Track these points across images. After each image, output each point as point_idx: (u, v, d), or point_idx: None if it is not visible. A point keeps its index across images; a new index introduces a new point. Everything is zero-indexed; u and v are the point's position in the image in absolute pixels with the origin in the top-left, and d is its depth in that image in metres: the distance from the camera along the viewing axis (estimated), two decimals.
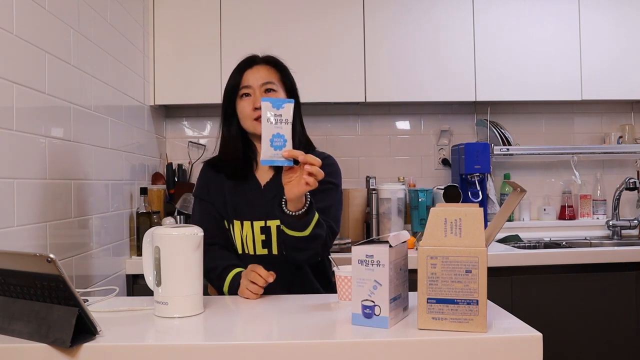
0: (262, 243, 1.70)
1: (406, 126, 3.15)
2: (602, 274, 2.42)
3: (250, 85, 1.72)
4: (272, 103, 1.38)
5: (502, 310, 1.30)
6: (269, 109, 1.38)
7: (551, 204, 3.14)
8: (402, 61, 2.79)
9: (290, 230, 1.54)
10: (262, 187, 1.75)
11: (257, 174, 1.77)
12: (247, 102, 1.71)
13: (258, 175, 1.77)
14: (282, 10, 2.76)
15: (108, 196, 2.14)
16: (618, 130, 3.15)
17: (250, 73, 1.74)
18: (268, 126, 1.38)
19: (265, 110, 1.38)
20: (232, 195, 1.75)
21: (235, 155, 1.75)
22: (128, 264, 2.37)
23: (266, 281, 1.49)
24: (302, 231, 1.53)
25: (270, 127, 1.38)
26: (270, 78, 1.73)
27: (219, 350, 1.07)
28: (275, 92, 1.72)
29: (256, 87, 1.71)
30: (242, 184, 1.75)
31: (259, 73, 1.73)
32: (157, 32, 2.74)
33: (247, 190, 1.75)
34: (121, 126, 2.30)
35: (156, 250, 1.27)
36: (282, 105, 1.38)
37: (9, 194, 1.45)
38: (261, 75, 1.73)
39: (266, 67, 1.75)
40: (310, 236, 1.54)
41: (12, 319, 1.09)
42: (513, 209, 1.21)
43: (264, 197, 1.72)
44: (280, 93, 1.73)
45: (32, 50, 1.58)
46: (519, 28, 2.84)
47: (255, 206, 1.72)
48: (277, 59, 1.79)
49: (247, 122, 1.72)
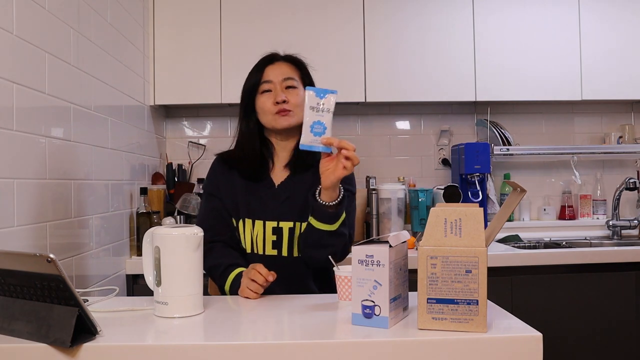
0: (273, 244, 1.69)
1: (406, 126, 3.15)
2: (602, 274, 2.42)
3: (271, 80, 1.71)
4: (316, 92, 1.43)
5: (502, 310, 1.30)
6: (312, 97, 1.42)
7: (551, 204, 3.14)
8: (402, 61, 2.79)
9: (319, 223, 1.55)
10: (276, 187, 1.73)
11: (272, 173, 1.76)
12: (267, 97, 1.70)
13: (273, 175, 1.75)
14: (282, 11, 2.76)
15: (108, 196, 2.14)
16: (618, 130, 3.15)
17: (271, 69, 1.73)
18: (310, 113, 1.42)
19: (309, 98, 1.42)
20: (243, 193, 1.73)
21: (252, 154, 1.74)
22: (128, 264, 2.37)
23: (266, 280, 1.49)
24: (332, 224, 1.55)
25: (312, 114, 1.42)
26: (291, 74, 1.73)
27: (219, 350, 1.07)
28: (296, 88, 1.72)
29: (277, 82, 1.71)
30: (254, 182, 1.74)
31: (280, 69, 1.73)
32: (157, 32, 2.74)
33: (260, 189, 1.73)
34: (121, 126, 2.30)
35: (156, 250, 1.27)
36: (325, 95, 1.43)
37: (9, 194, 1.45)
38: (282, 71, 1.73)
39: (286, 64, 1.76)
40: (336, 232, 1.56)
41: (12, 319, 1.09)
42: (513, 209, 1.21)
43: (277, 197, 1.71)
44: (300, 89, 1.73)
45: (32, 50, 1.58)
46: (519, 28, 2.84)
47: (268, 206, 1.71)
48: (297, 57, 1.79)
49: (267, 116, 1.71)
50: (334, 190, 1.51)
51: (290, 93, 1.71)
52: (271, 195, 1.72)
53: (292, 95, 1.71)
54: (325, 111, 1.42)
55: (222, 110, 3.03)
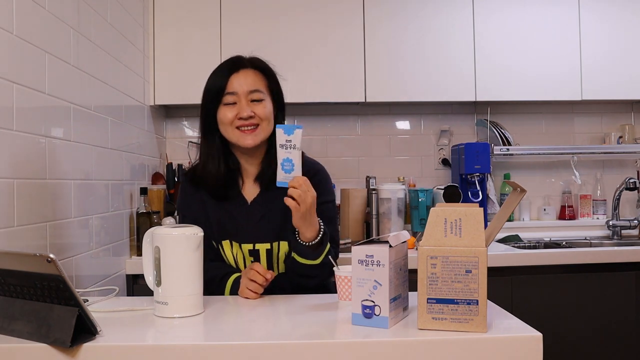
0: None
1: (406, 126, 3.15)
2: (602, 274, 2.42)
3: (236, 92, 1.60)
4: (284, 130, 1.46)
5: (502, 310, 1.30)
6: (280, 135, 1.46)
7: (551, 204, 3.14)
8: (402, 61, 2.79)
9: (302, 259, 1.54)
10: (248, 204, 1.66)
11: (243, 190, 1.68)
12: (229, 110, 1.60)
13: (244, 191, 1.68)
14: (281, 10, 2.76)
15: (108, 196, 2.14)
16: (618, 130, 3.15)
17: (236, 78, 1.61)
18: (280, 151, 1.47)
19: (278, 136, 1.46)
20: (215, 213, 1.66)
21: (217, 174, 1.63)
22: (128, 264, 2.36)
23: (265, 279, 1.49)
24: (315, 259, 1.53)
25: (281, 151, 1.46)
26: (257, 85, 1.62)
27: (219, 350, 1.07)
28: (262, 101, 1.62)
29: (242, 95, 1.60)
30: (226, 201, 1.66)
31: (245, 79, 1.62)
32: (157, 32, 2.74)
33: (232, 208, 1.65)
34: (121, 126, 2.30)
35: (156, 250, 1.28)
36: (293, 131, 1.46)
37: (9, 194, 1.45)
38: (248, 81, 1.61)
39: (253, 72, 1.64)
40: (321, 264, 1.54)
41: (12, 319, 1.09)
42: (513, 209, 1.21)
43: (252, 216, 1.64)
44: (267, 101, 1.63)
45: (32, 50, 1.58)
46: (519, 28, 2.83)
47: (242, 227, 1.64)
48: (264, 63, 1.67)
49: (228, 130, 1.61)
50: (307, 228, 1.49)
51: (256, 107, 1.60)
52: (245, 214, 1.65)
53: (258, 108, 1.60)
54: (293, 148, 1.45)
55: None
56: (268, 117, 1.63)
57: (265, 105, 1.62)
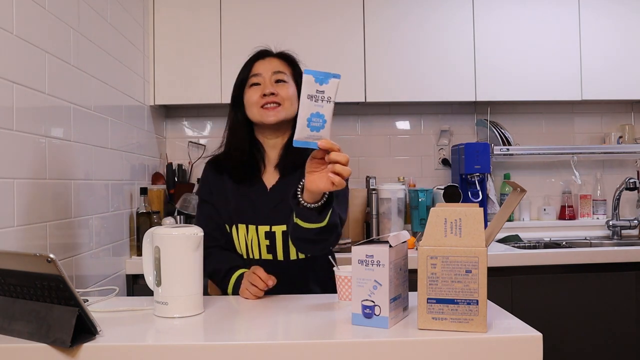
0: (267, 248, 1.66)
1: (406, 126, 3.15)
2: (602, 274, 2.42)
3: (260, 74, 1.66)
4: (316, 76, 1.18)
5: (502, 310, 1.30)
6: (310, 83, 1.18)
7: (551, 204, 3.14)
8: (402, 61, 2.79)
9: (305, 223, 1.40)
10: (267, 190, 1.69)
11: (264, 176, 1.71)
12: (254, 90, 1.66)
13: (264, 178, 1.71)
14: (282, 10, 2.76)
15: (108, 196, 2.14)
16: (618, 130, 3.15)
17: (261, 63, 1.69)
18: (307, 103, 1.18)
19: (307, 84, 1.19)
20: (235, 197, 1.69)
21: (240, 149, 1.69)
22: (128, 264, 2.36)
23: (266, 284, 1.48)
24: (320, 222, 1.40)
25: (309, 104, 1.18)
26: (281, 68, 1.68)
27: (219, 350, 1.07)
28: (286, 82, 1.67)
29: (266, 76, 1.66)
30: (246, 186, 1.69)
31: (270, 64, 1.69)
32: (157, 32, 2.74)
33: (251, 193, 1.68)
34: (121, 126, 2.30)
35: (156, 250, 1.27)
36: (327, 80, 1.19)
37: (9, 194, 1.45)
38: (272, 65, 1.69)
39: (278, 60, 1.71)
40: (327, 226, 1.41)
41: (12, 319, 1.09)
42: (513, 209, 1.21)
43: (270, 201, 1.66)
44: (291, 86, 1.67)
45: (32, 50, 1.58)
46: (519, 28, 2.84)
47: (260, 210, 1.66)
48: (289, 54, 1.75)
49: (253, 109, 1.66)
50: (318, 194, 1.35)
51: (280, 87, 1.66)
52: (263, 199, 1.67)
53: (281, 88, 1.66)
54: (326, 101, 1.19)
55: (222, 110, 3.00)
56: (290, 98, 1.66)
57: (288, 88, 1.67)
